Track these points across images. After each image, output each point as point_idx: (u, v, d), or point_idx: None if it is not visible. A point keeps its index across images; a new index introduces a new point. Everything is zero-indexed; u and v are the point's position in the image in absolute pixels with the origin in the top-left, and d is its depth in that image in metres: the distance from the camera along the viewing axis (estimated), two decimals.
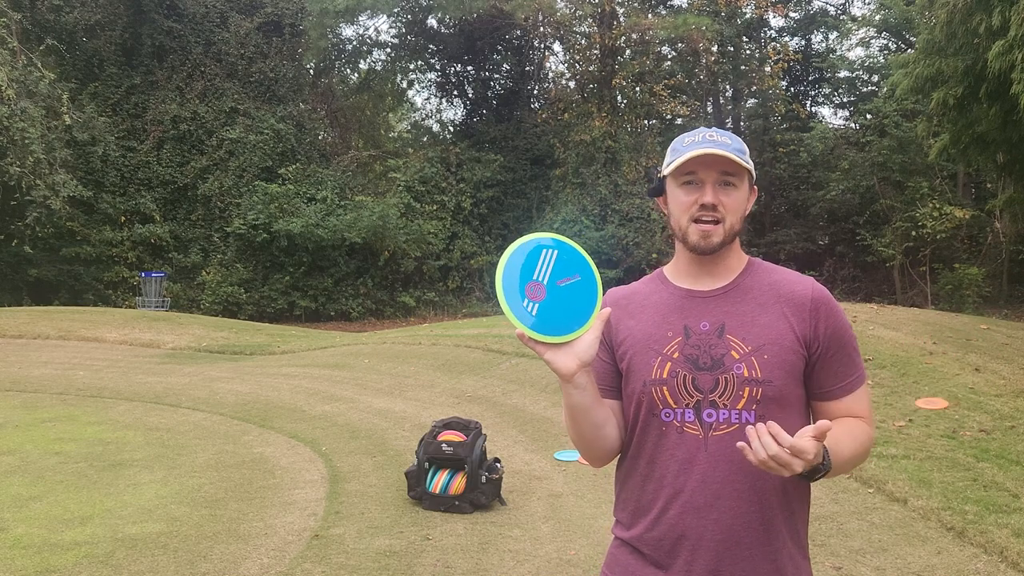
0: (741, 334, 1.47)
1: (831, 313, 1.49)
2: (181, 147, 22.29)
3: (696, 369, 1.46)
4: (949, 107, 10.15)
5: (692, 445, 1.45)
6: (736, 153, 1.47)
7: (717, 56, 24.00)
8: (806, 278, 1.54)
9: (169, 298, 20.73)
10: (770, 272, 1.56)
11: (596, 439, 1.52)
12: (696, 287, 1.55)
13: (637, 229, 21.46)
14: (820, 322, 1.48)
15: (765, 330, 1.47)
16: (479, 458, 4.60)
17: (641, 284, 1.65)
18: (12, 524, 4.29)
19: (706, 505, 1.43)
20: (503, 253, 1.45)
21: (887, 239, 20.27)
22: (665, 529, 1.47)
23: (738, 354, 1.45)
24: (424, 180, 23.07)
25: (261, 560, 3.83)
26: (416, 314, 22.16)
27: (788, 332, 1.46)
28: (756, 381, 1.43)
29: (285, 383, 8.58)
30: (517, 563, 3.82)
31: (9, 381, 8.75)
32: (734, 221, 1.50)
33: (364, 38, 27.49)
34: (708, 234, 1.48)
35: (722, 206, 1.48)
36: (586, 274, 1.46)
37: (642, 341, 1.52)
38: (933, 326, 8.48)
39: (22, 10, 19.27)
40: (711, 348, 1.47)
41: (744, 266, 1.57)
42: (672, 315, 1.53)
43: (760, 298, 1.51)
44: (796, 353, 1.46)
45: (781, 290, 1.52)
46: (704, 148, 1.46)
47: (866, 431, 1.50)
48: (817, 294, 1.50)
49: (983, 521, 4.07)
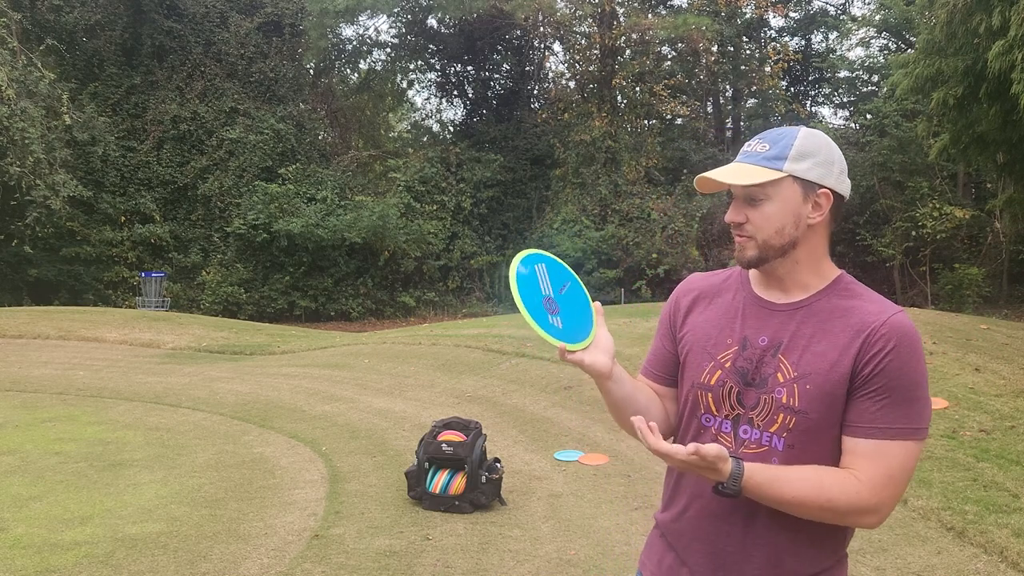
0: (793, 358, 1.37)
1: (898, 348, 1.32)
2: (181, 147, 22.29)
3: (743, 384, 1.41)
4: (949, 107, 10.15)
5: None
6: (763, 163, 1.38)
7: (717, 56, 24.01)
8: (889, 308, 1.37)
9: (169, 298, 20.74)
10: (852, 296, 1.41)
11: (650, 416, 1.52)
12: (769, 297, 1.46)
13: (637, 229, 21.46)
14: (878, 353, 1.32)
15: (817, 358, 1.35)
16: (479, 458, 4.60)
17: (720, 277, 1.58)
18: (12, 524, 4.29)
19: (721, 514, 1.42)
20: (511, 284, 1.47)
21: (887, 239, 20.28)
22: (684, 526, 1.48)
23: (783, 378, 1.37)
24: (424, 180, 23.07)
25: (261, 560, 3.83)
26: (416, 314, 22.16)
27: (841, 364, 1.34)
28: (792, 410, 1.35)
29: (285, 383, 8.58)
30: (517, 563, 3.81)
31: (9, 381, 8.74)
32: (767, 236, 1.39)
33: (364, 38, 27.51)
34: (742, 247, 1.42)
35: (749, 223, 1.40)
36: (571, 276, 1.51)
37: (700, 341, 1.49)
38: (933, 326, 8.47)
39: (22, 10, 19.27)
40: (763, 365, 1.40)
41: (827, 284, 1.43)
42: (736, 321, 1.46)
43: (827, 323, 1.38)
44: (842, 387, 1.34)
45: (852, 317, 1.37)
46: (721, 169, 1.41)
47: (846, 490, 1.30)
48: (888, 328, 1.33)
49: (983, 521, 4.07)
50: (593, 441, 5.96)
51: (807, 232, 1.41)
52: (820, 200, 1.40)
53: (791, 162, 1.38)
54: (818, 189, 1.39)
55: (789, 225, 1.39)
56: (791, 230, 1.39)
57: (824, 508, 1.31)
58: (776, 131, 1.43)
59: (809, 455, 1.36)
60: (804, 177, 1.38)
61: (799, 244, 1.41)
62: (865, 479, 1.31)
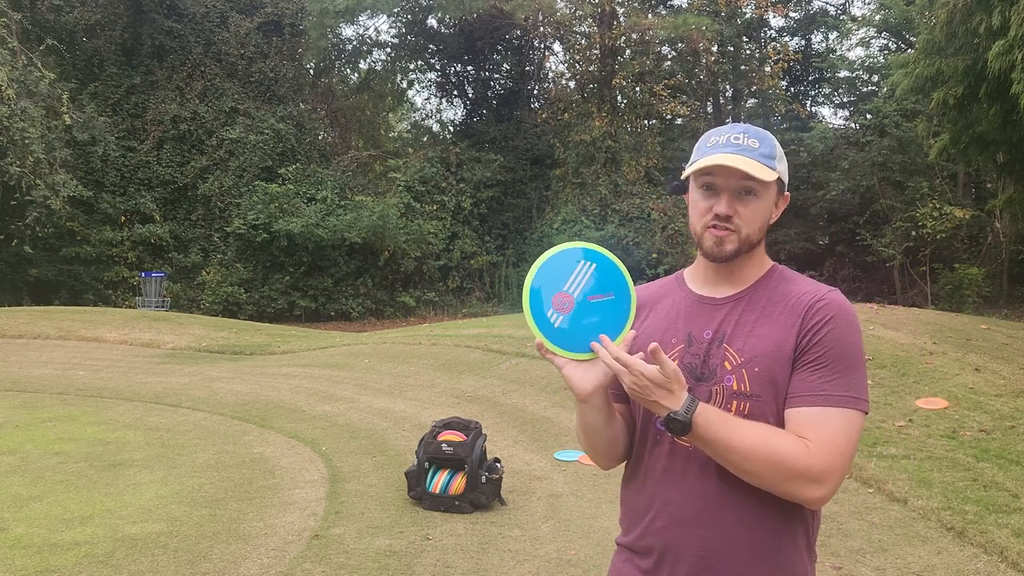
0: (738, 344, 1.39)
1: (834, 321, 1.36)
2: (181, 147, 22.29)
3: (694, 379, 1.40)
4: (949, 107, 10.15)
5: (683, 457, 1.40)
6: (761, 159, 1.39)
7: (717, 56, 24.00)
8: (824, 287, 1.42)
9: (169, 298, 20.73)
10: (788, 281, 1.45)
11: (610, 451, 1.51)
12: (709, 293, 1.48)
13: (637, 229, 21.46)
14: (814, 328, 1.36)
15: (761, 342, 1.38)
16: (479, 458, 4.60)
17: (658, 285, 1.59)
18: (12, 524, 4.29)
19: (692, 519, 1.39)
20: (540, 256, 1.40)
21: (887, 239, 20.28)
22: (653, 540, 1.44)
23: (730, 365, 1.38)
24: (424, 180, 23.08)
25: (261, 560, 3.83)
26: (416, 314, 22.16)
27: (786, 343, 1.36)
28: (743, 395, 1.36)
29: (285, 383, 8.58)
30: (517, 563, 3.81)
31: (9, 381, 8.74)
32: (751, 231, 1.41)
33: (364, 38, 27.51)
34: (721, 240, 1.40)
35: (738, 216, 1.39)
36: (621, 293, 1.40)
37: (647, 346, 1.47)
38: (933, 326, 8.47)
39: (22, 10, 19.27)
40: (709, 358, 1.41)
41: (763, 274, 1.47)
42: (679, 321, 1.47)
43: (768, 308, 1.41)
44: (789, 367, 1.36)
45: (791, 299, 1.41)
46: (724, 156, 1.37)
47: (793, 450, 1.30)
48: (826, 300, 1.38)
49: (983, 521, 4.07)
50: None
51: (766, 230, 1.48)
52: (780, 202, 1.47)
53: (778, 162, 1.42)
54: (784, 191, 1.47)
55: (765, 223, 1.44)
56: (764, 227, 1.44)
57: (770, 462, 1.29)
58: (753, 128, 1.44)
59: None
60: (783, 179, 1.44)
61: (761, 241, 1.46)
62: (812, 444, 1.31)
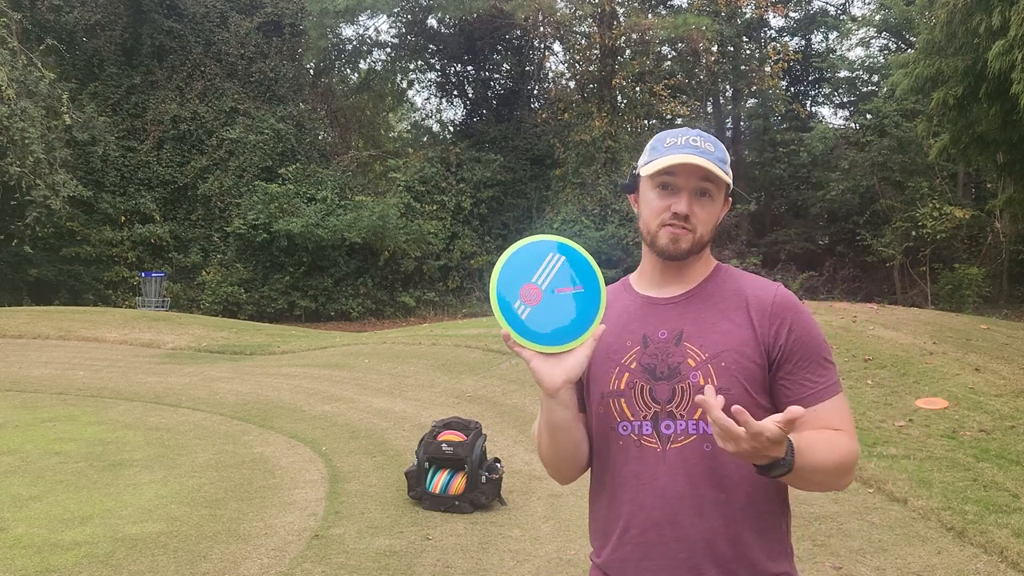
0: (699, 341, 1.41)
1: (796, 319, 1.42)
2: (181, 147, 22.29)
3: (653, 379, 1.41)
4: (949, 107, 10.15)
5: (651, 459, 1.39)
6: (718, 163, 1.42)
7: (717, 56, 23.99)
8: (771, 283, 1.48)
9: (169, 298, 20.73)
10: (736, 278, 1.50)
11: (573, 457, 1.47)
12: (658, 294, 1.49)
13: (637, 229, 21.41)
14: (783, 327, 1.40)
15: (724, 337, 1.40)
16: (479, 458, 4.60)
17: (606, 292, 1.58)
18: (12, 524, 4.29)
19: (667, 521, 1.37)
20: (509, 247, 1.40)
21: (887, 239, 20.28)
22: (629, 549, 1.41)
23: (694, 362, 1.39)
24: (424, 180, 23.07)
25: (261, 560, 3.83)
26: (416, 314, 22.16)
27: (749, 339, 1.40)
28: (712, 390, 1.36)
29: (285, 383, 8.58)
30: (517, 563, 3.82)
31: (9, 381, 8.74)
32: (704, 232, 1.44)
33: (364, 38, 27.51)
34: (677, 238, 1.42)
35: (695, 216, 1.42)
36: (590, 287, 1.39)
37: (601, 352, 1.45)
38: (933, 326, 8.47)
39: (22, 10, 19.27)
40: (668, 357, 1.41)
41: (709, 272, 1.51)
42: (632, 323, 1.47)
43: (721, 304, 1.45)
44: (755, 360, 1.39)
45: (743, 296, 1.45)
46: (687, 155, 1.40)
47: (848, 444, 1.37)
48: (780, 299, 1.43)
49: (983, 521, 4.07)
50: None
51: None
52: (725, 206, 1.51)
53: (728, 167, 1.47)
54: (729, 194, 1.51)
55: (715, 223, 1.48)
56: (714, 227, 1.48)
57: (841, 464, 1.35)
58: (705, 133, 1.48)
59: None
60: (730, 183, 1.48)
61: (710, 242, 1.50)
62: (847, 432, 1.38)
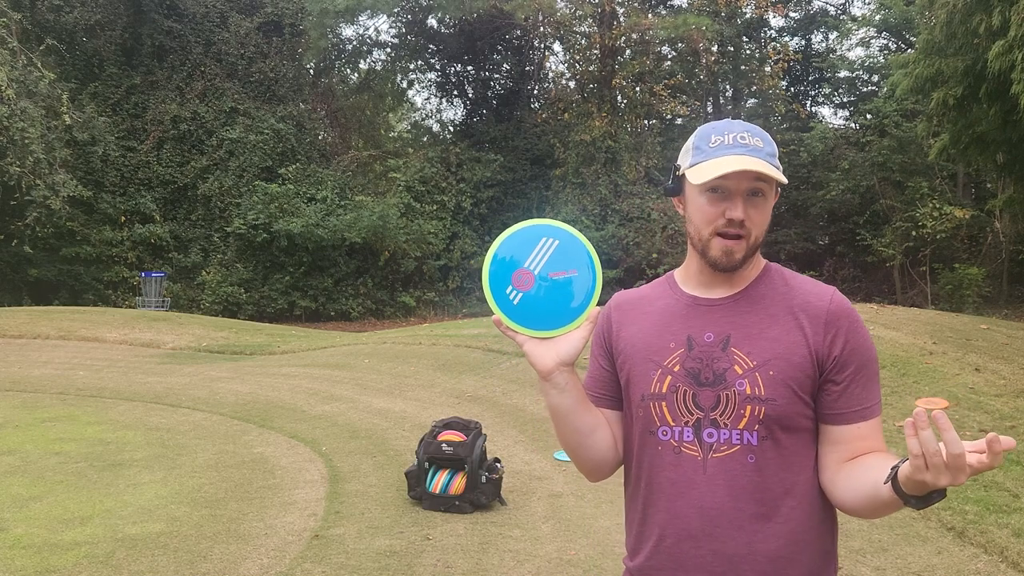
0: (747, 347, 1.34)
1: (851, 329, 1.34)
2: (181, 147, 22.30)
3: (697, 384, 1.35)
4: (949, 107, 10.16)
5: (689, 467, 1.34)
6: (769, 159, 1.33)
7: (717, 56, 24.00)
8: (826, 287, 1.39)
9: (169, 298, 20.73)
10: (786, 280, 1.41)
11: (580, 448, 1.45)
12: (704, 294, 1.42)
13: (637, 229, 21.46)
14: (837, 337, 1.33)
15: (773, 344, 1.33)
16: (479, 458, 4.60)
17: (649, 288, 1.53)
18: (12, 524, 4.29)
19: (703, 534, 1.32)
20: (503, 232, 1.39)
21: (887, 239, 20.28)
22: (664, 559, 1.36)
23: (741, 369, 1.33)
24: (424, 180, 23.07)
25: (261, 560, 3.83)
26: (416, 314, 22.16)
27: (799, 347, 1.33)
28: (759, 399, 1.31)
29: (285, 383, 8.58)
30: (517, 563, 3.81)
31: (9, 381, 8.74)
32: (759, 234, 1.36)
33: (364, 38, 27.50)
34: (731, 251, 1.34)
35: (749, 220, 1.34)
36: (584, 270, 1.36)
37: (642, 351, 1.41)
38: (933, 326, 8.47)
39: (22, 10, 19.27)
40: (714, 362, 1.35)
41: (759, 273, 1.42)
42: (676, 324, 1.41)
43: (771, 308, 1.37)
44: (805, 371, 1.32)
45: (795, 300, 1.37)
46: (739, 158, 1.31)
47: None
48: (836, 306, 1.35)
49: (983, 521, 4.07)
50: None
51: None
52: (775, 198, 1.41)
53: (777, 160, 1.37)
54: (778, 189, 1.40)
55: (767, 223, 1.39)
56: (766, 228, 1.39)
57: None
58: (752, 126, 1.39)
59: (784, 446, 1.32)
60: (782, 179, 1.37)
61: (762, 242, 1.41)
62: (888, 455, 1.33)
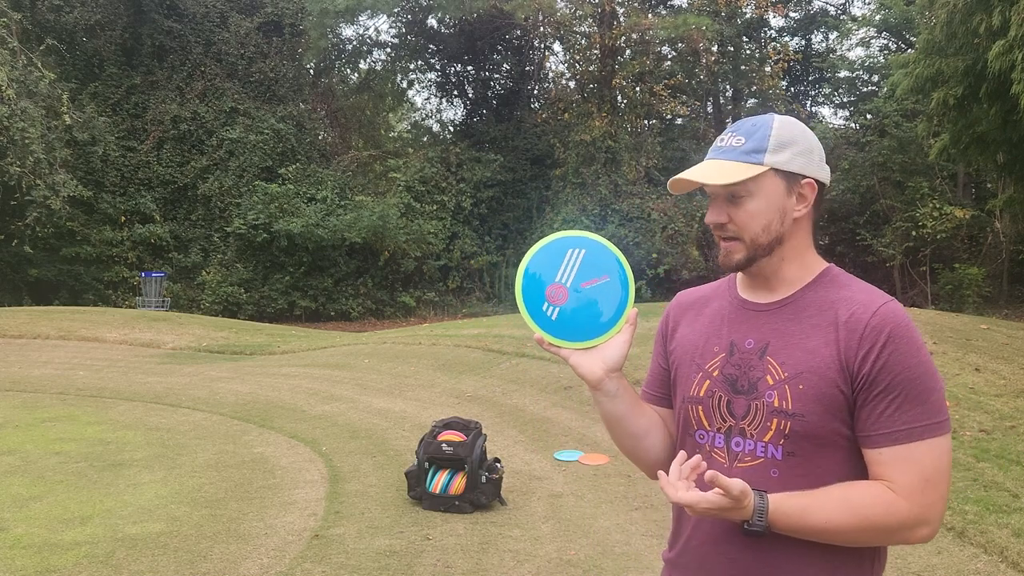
0: (782, 358, 1.29)
1: (890, 343, 1.24)
2: (181, 147, 22.29)
3: (733, 392, 1.32)
4: (949, 107, 10.16)
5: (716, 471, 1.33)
6: (742, 157, 1.30)
7: (717, 56, 23.99)
8: (879, 297, 1.29)
9: (169, 298, 20.73)
10: (840, 287, 1.33)
11: (637, 450, 1.45)
12: (752, 298, 1.38)
13: (637, 229, 21.46)
14: (870, 353, 1.24)
15: (809, 356, 1.27)
16: (479, 458, 4.60)
17: (710, 288, 1.51)
18: (12, 524, 4.29)
19: (724, 540, 1.32)
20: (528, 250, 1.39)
21: (887, 239, 20.28)
22: (690, 557, 1.39)
23: (773, 380, 1.28)
24: (424, 180, 23.07)
25: (261, 560, 3.83)
26: (416, 314, 22.16)
27: (832, 361, 1.25)
28: (785, 413, 1.26)
29: (285, 383, 8.58)
30: (517, 563, 3.81)
31: (9, 381, 8.74)
32: (754, 234, 1.31)
33: (364, 38, 27.49)
34: (729, 252, 1.34)
35: (733, 223, 1.32)
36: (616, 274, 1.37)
37: (689, 352, 1.41)
38: (933, 326, 8.47)
39: (22, 10, 19.26)
40: (750, 370, 1.31)
41: (813, 278, 1.35)
42: (723, 328, 1.39)
43: (815, 318, 1.30)
44: (837, 386, 1.25)
45: (842, 309, 1.29)
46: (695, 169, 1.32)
47: (880, 505, 1.22)
48: (879, 319, 1.25)
49: (983, 521, 4.07)
50: (593, 441, 5.96)
51: (792, 226, 1.33)
52: (804, 191, 1.33)
53: (771, 154, 1.30)
54: (801, 180, 1.32)
55: (775, 221, 1.31)
56: (777, 226, 1.32)
57: (865, 529, 1.23)
58: (749, 121, 1.35)
59: (813, 463, 1.27)
60: (786, 169, 1.31)
61: (785, 240, 1.33)
62: (900, 489, 1.22)
